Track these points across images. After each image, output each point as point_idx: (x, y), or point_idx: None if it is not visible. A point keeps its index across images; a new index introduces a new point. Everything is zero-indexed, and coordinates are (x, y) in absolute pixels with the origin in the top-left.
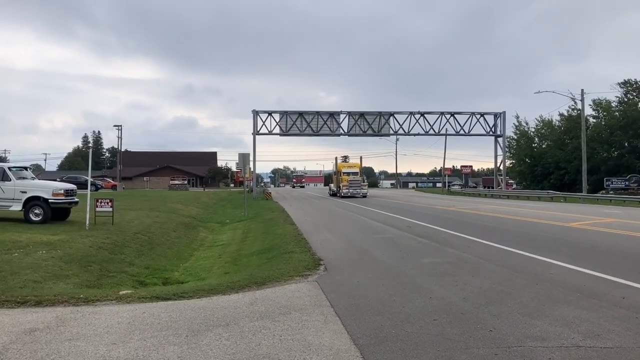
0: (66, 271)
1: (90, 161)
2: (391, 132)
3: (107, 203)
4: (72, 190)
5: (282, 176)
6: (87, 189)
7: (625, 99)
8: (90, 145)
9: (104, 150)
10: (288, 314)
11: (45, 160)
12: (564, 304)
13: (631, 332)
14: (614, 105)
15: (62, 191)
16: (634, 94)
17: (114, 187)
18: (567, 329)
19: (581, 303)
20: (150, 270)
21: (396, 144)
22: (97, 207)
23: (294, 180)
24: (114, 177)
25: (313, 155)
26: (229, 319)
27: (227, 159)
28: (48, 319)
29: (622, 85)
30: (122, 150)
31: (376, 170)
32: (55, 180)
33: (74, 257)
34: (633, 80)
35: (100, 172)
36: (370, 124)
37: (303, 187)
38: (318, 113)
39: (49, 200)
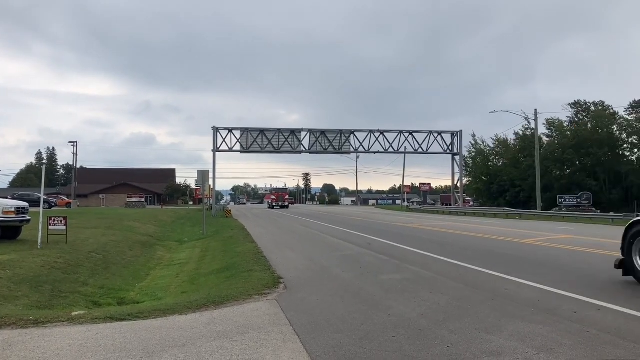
0: (15, 292)
1: (44, 178)
2: (352, 149)
3: (61, 221)
4: (24, 208)
5: (242, 193)
6: (40, 206)
7: (576, 119)
8: (44, 161)
9: (59, 167)
10: (246, 333)
11: None
12: (519, 319)
13: (582, 346)
14: (566, 125)
15: (12, 209)
16: (584, 114)
17: (68, 204)
18: (521, 344)
19: (535, 318)
20: (104, 290)
21: (356, 161)
22: (50, 225)
23: (273, 196)
24: (68, 194)
25: (274, 173)
26: (186, 339)
27: (186, 176)
28: None
29: (572, 106)
30: (78, 167)
31: (337, 188)
32: (6, 197)
33: (24, 277)
34: (583, 101)
35: (54, 189)
36: (331, 141)
37: (287, 206)
38: (279, 130)
39: None
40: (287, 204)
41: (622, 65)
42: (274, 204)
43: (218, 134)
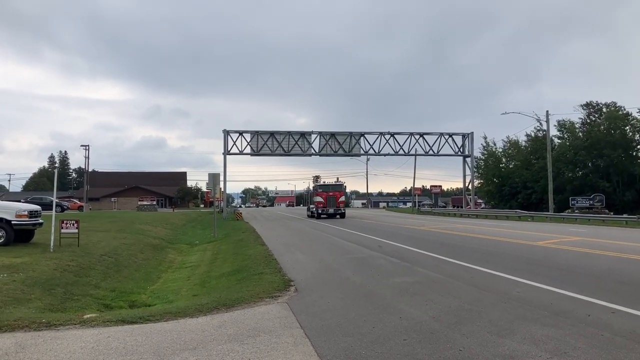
0: (28, 295)
1: (56, 182)
2: (362, 152)
3: (73, 224)
4: (37, 211)
5: (253, 196)
6: (52, 210)
7: (588, 120)
8: (56, 165)
9: (71, 171)
10: (257, 336)
11: (9, 180)
12: (531, 322)
13: (596, 350)
14: (577, 127)
15: (25, 212)
16: (596, 115)
17: (80, 208)
18: (535, 347)
19: (548, 321)
20: (116, 293)
21: (367, 164)
22: (62, 228)
23: (319, 197)
24: (80, 197)
25: (284, 175)
26: (197, 342)
27: (197, 179)
28: (7, 345)
29: (584, 107)
30: (89, 170)
31: (347, 190)
32: (19, 201)
33: (37, 280)
34: (595, 102)
35: (66, 192)
36: (341, 144)
37: (342, 214)
38: (289, 133)
39: (12, 222)
40: (342, 210)
41: (628, 67)
42: (319, 210)
43: (229, 137)
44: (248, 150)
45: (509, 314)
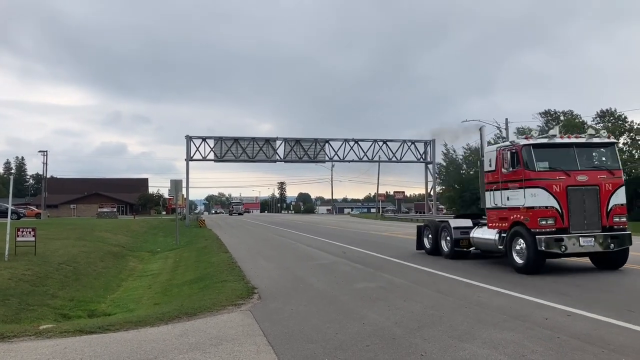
0: None
1: (12, 188)
2: (326, 158)
3: (30, 232)
4: None
5: (216, 202)
6: (7, 217)
7: (546, 128)
8: (12, 171)
9: (28, 177)
10: (219, 344)
11: None
12: (491, 326)
13: (553, 352)
14: (536, 135)
15: None
16: (554, 123)
17: (37, 215)
18: (494, 351)
19: (507, 325)
20: (75, 302)
21: (332, 170)
22: (18, 236)
23: (546, 190)
24: (38, 204)
25: (249, 182)
26: (158, 351)
27: (158, 186)
28: None
29: (542, 115)
30: (48, 176)
31: (312, 197)
32: None
33: None
34: (553, 110)
35: (23, 199)
36: (306, 150)
37: (623, 255)
38: (254, 139)
39: None
40: (624, 237)
41: (577, 78)
42: (545, 232)
43: (191, 142)
44: (211, 156)
45: (469, 318)
